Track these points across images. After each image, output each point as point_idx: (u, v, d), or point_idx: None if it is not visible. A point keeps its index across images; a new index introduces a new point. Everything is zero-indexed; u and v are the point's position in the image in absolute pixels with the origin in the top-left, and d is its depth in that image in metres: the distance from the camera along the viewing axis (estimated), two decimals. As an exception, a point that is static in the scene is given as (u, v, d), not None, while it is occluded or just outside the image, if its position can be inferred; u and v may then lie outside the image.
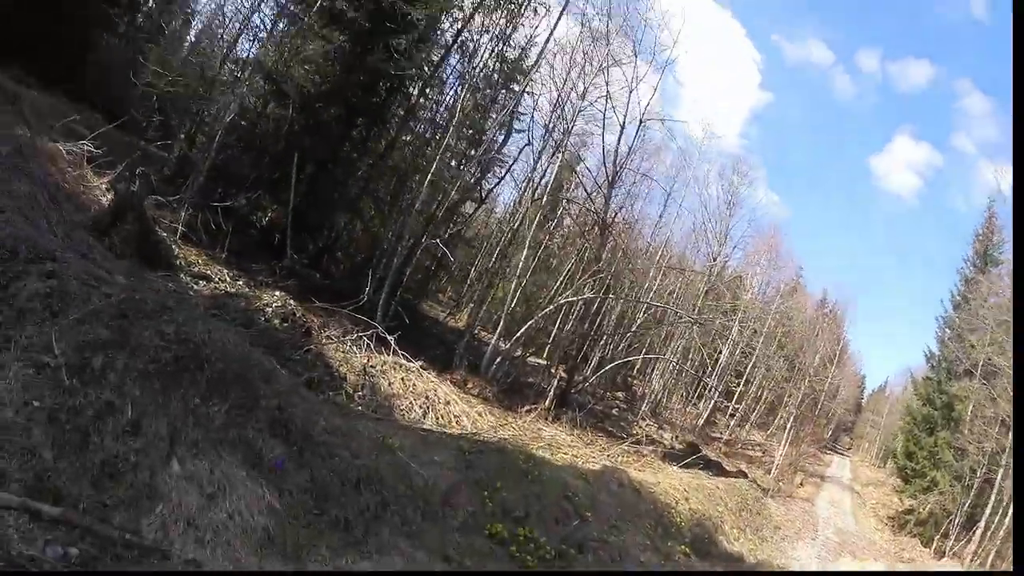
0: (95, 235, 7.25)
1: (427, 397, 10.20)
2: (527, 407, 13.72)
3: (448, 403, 10.43)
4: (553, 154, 20.21)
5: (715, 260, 26.19)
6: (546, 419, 13.54)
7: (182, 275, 9.48)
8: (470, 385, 13.71)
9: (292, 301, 11.17)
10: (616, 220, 19.83)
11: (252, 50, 14.27)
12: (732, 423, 30.22)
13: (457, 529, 6.51)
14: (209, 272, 10.61)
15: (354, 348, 10.96)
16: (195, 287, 9.47)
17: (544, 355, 22.25)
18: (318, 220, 17.41)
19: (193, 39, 21.01)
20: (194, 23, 22.25)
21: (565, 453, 10.82)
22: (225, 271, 11.11)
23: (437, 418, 9.87)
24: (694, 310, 23.72)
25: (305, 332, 10.75)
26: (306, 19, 13.27)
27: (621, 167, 17.31)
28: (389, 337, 11.66)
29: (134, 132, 13.56)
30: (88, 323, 4.71)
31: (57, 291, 4.74)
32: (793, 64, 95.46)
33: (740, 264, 30.57)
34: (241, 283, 11.15)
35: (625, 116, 16.70)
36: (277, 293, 11.26)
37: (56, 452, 3.78)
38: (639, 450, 13.90)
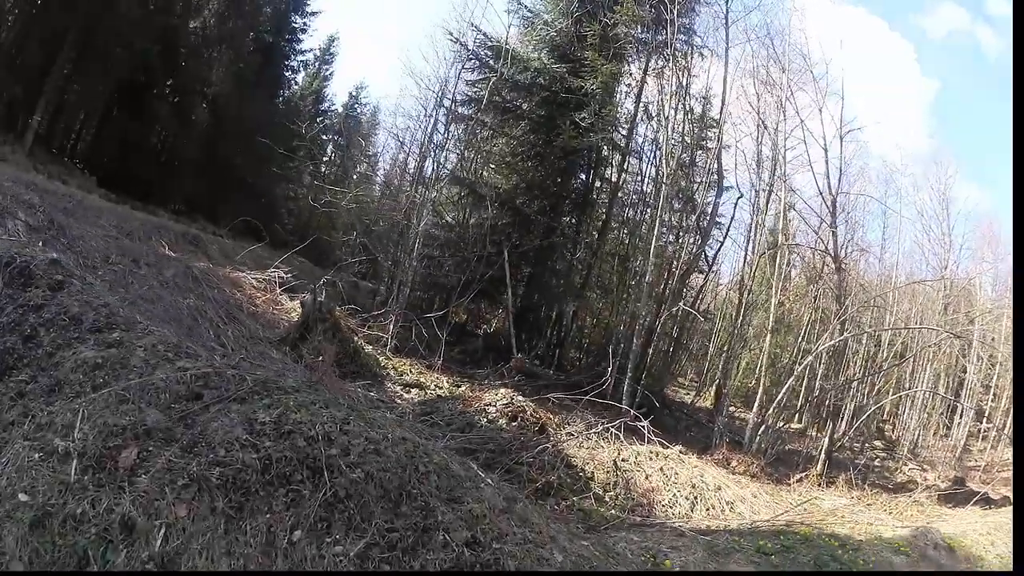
0: (282, 349, 6.40)
1: (693, 485, 7.83)
2: (797, 476, 12.13)
3: (719, 488, 8.03)
4: (767, 202, 19.11)
5: (946, 268, 24.51)
6: (819, 486, 11.97)
7: (388, 384, 8.35)
8: (734, 463, 11.72)
9: (520, 397, 9.40)
10: (847, 253, 18.00)
11: (438, 165, 14.48)
12: (987, 447, 26.90)
13: None
14: (423, 380, 9.56)
15: (600, 442, 8.75)
16: (404, 395, 8.17)
17: (796, 418, 20.22)
18: (542, 315, 16.22)
19: (382, 178, 23.62)
20: (379, 162, 25.41)
21: (858, 521, 8.73)
22: (443, 379, 10.01)
23: (707, 508, 7.52)
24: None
25: (539, 430, 8.74)
26: (478, 115, 12.95)
27: (836, 193, 15.09)
28: (640, 424, 9.43)
29: (337, 269, 14.16)
30: (134, 402, 3.13)
31: (112, 361, 3.41)
32: (940, 39, 74.07)
33: (968, 266, 28.20)
34: (462, 389, 9.75)
35: (824, 138, 14.73)
36: (501, 391, 9.53)
37: (32, 567, 2.52)
38: (914, 498, 12.11)
